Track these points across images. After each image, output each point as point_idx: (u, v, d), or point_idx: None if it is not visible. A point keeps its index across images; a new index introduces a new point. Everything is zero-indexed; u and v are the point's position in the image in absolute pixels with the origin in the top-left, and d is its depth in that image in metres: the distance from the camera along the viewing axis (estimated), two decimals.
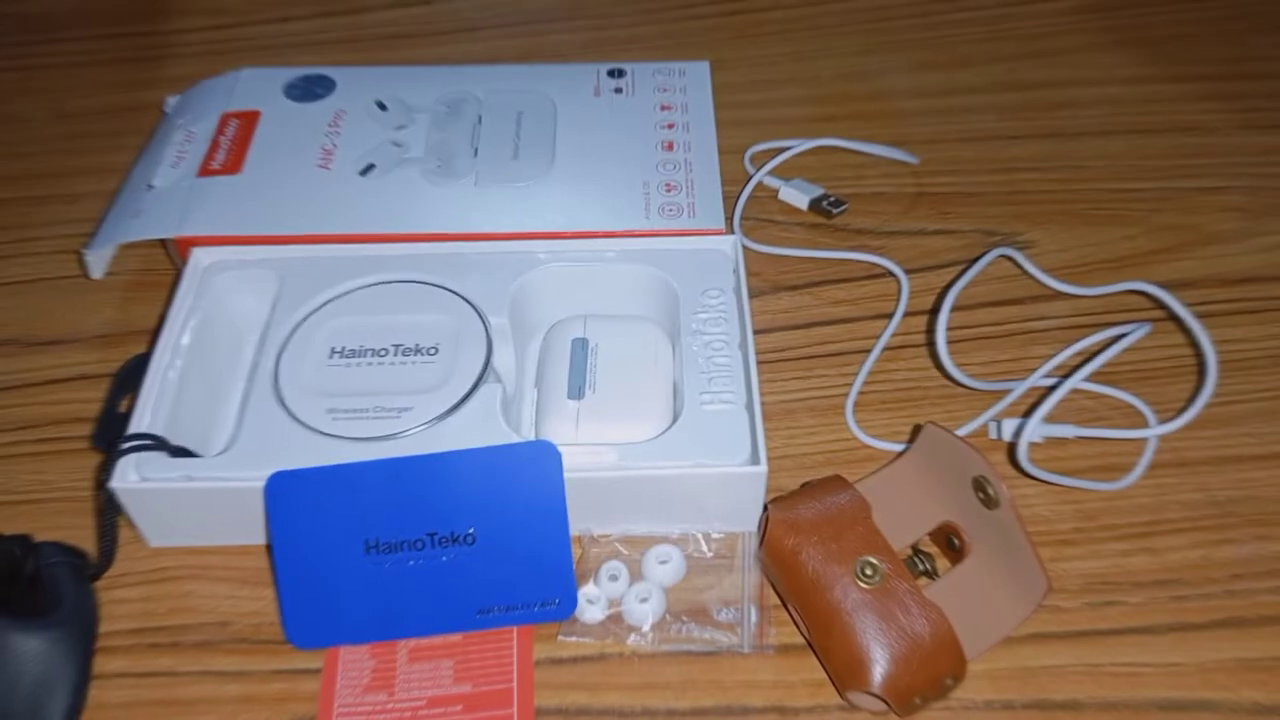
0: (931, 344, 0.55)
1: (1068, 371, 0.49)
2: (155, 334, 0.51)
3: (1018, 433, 0.49)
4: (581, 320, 0.52)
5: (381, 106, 0.62)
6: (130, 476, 0.45)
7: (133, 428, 0.47)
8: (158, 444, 0.46)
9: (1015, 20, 0.78)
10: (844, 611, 0.41)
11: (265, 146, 0.60)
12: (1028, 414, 0.49)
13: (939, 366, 0.53)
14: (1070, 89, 0.72)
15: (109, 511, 0.46)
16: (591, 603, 0.45)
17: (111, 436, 0.47)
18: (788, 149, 0.65)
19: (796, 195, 0.63)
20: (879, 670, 0.40)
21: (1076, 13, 0.78)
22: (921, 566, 0.45)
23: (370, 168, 0.59)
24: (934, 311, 0.57)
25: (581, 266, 0.53)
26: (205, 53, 0.77)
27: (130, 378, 0.50)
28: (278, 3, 0.81)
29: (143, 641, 0.45)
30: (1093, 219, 0.63)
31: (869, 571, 0.42)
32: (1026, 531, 0.42)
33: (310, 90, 0.64)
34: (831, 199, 0.63)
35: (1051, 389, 0.48)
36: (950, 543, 0.46)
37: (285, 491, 0.44)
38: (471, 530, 0.44)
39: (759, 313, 0.57)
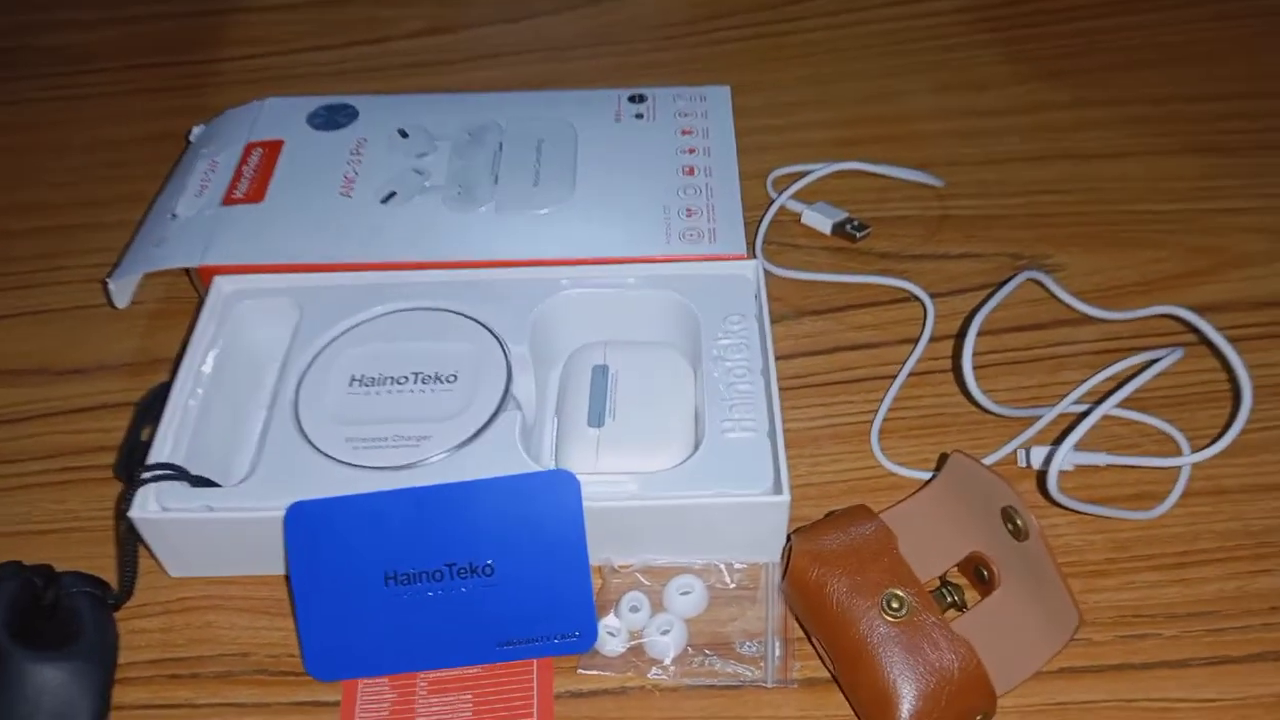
0: (958, 369, 0.55)
1: (1098, 397, 0.48)
2: (177, 362, 0.51)
3: (1048, 460, 0.48)
4: (602, 347, 0.51)
5: (403, 134, 0.62)
6: (150, 506, 0.45)
7: (153, 457, 0.47)
8: (178, 474, 0.46)
9: (1034, 41, 0.77)
10: (870, 646, 0.40)
11: (288, 175, 0.60)
12: (1057, 441, 0.48)
13: (965, 392, 0.52)
14: (1090, 109, 0.71)
15: (129, 542, 0.46)
16: (612, 634, 0.45)
17: (132, 466, 0.47)
18: (810, 173, 0.64)
19: (819, 219, 0.63)
20: (907, 707, 0.39)
21: (1093, 33, 0.77)
22: (950, 599, 0.44)
23: (391, 195, 0.59)
24: (960, 336, 0.57)
25: (602, 293, 0.53)
26: (238, 82, 0.78)
27: (152, 407, 0.50)
28: (310, 33, 0.82)
29: (162, 673, 0.45)
30: (1120, 241, 0.62)
31: (895, 604, 0.41)
32: (1057, 563, 0.41)
33: (333, 119, 0.64)
34: (855, 223, 0.62)
35: (1081, 415, 0.47)
36: (979, 574, 0.45)
37: (304, 522, 0.43)
38: (490, 561, 0.43)
39: (781, 338, 0.57)
